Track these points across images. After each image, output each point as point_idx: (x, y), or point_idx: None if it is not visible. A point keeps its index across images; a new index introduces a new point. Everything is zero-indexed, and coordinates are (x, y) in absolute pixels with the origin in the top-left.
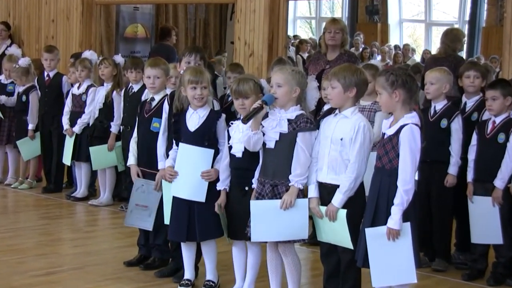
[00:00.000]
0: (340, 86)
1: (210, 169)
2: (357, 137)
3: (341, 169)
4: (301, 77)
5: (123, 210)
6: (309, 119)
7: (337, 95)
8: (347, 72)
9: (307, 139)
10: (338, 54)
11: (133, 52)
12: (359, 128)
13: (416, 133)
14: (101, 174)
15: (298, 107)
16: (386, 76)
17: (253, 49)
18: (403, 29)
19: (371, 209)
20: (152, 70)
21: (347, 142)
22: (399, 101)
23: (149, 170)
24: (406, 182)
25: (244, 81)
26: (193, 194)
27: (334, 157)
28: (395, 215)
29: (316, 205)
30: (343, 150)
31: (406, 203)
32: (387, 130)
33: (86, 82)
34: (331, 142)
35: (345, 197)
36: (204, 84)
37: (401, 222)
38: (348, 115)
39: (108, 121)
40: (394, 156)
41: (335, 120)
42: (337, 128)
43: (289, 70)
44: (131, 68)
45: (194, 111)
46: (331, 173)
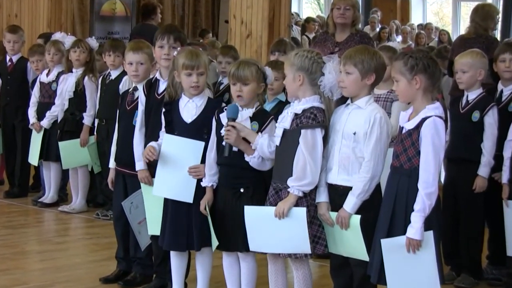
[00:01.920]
0: (357, 72)
1: (199, 164)
2: (373, 130)
3: (354, 169)
4: (306, 59)
5: (99, 218)
6: (313, 113)
7: (353, 83)
8: (365, 55)
9: (308, 138)
10: (348, 35)
11: (110, 33)
12: (375, 120)
13: (440, 127)
14: (73, 175)
15: (313, 98)
16: (404, 59)
17: (250, 29)
18: (426, 5)
19: (387, 216)
20: (134, 55)
21: (361, 136)
22: (420, 89)
23: (129, 171)
24: (428, 184)
25: (245, 64)
26: (179, 194)
27: (346, 155)
28: (416, 223)
29: (326, 211)
30: (356, 146)
31: (428, 208)
32: (406, 124)
33: (56, 68)
34: (342, 137)
35: (359, 200)
36: (201, 70)
37: (422, 231)
38: (362, 105)
39: (81, 113)
40: (414, 154)
41: (346, 111)
42: (349, 120)
43: (292, 54)
44: (109, 51)
45: (189, 100)
46: (342, 173)
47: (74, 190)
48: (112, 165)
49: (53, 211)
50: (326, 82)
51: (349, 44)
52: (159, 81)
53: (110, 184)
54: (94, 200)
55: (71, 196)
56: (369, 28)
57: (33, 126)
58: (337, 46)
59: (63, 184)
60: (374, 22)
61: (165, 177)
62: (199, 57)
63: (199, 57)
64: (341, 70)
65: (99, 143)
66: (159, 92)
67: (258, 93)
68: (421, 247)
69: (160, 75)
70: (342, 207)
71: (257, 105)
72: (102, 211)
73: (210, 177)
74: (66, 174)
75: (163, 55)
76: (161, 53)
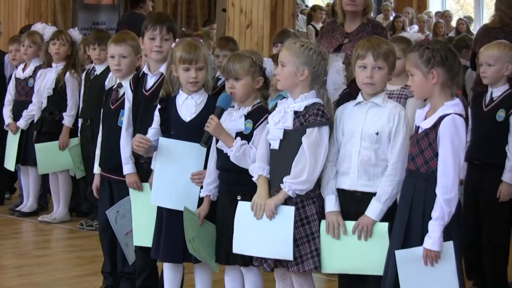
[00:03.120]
0: (387, 67)
1: (202, 170)
2: (399, 129)
3: (376, 172)
4: (314, 54)
5: (83, 229)
6: (320, 109)
7: (384, 79)
8: (389, 46)
9: (314, 136)
10: (359, 25)
11: (96, 23)
12: (400, 118)
13: (460, 125)
14: (54, 181)
15: (311, 94)
16: (420, 51)
17: (251, 18)
18: None
19: (402, 224)
20: (116, 47)
21: (385, 137)
22: (437, 83)
23: (116, 177)
24: (447, 190)
25: (236, 58)
26: (181, 203)
27: (367, 157)
28: (434, 233)
29: (340, 219)
30: (379, 148)
31: (447, 216)
32: (422, 123)
33: (33, 63)
34: (361, 139)
35: (386, 207)
36: (200, 65)
37: (441, 241)
38: (379, 102)
39: (60, 112)
40: (432, 156)
41: (361, 110)
42: (369, 120)
43: (297, 45)
44: (94, 43)
45: (188, 97)
46: (363, 178)
47: (55, 197)
48: (97, 171)
49: (32, 221)
50: (332, 82)
51: (360, 35)
52: (147, 75)
53: (95, 191)
54: (77, 208)
55: (52, 205)
56: (382, 17)
57: (8, 127)
58: (346, 37)
59: (43, 191)
60: (387, 10)
61: (164, 185)
62: (198, 50)
63: (198, 50)
64: (362, 65)
65: (83, 145)
66: (147, 88)
67: (254, 88)
68: (440, 259)
69: (148, 68)
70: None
71: (256, 102)
72: (87, 221)
73: (206, 186)
74: (47, 180)
75: (155, 47)
76: (152, 45)
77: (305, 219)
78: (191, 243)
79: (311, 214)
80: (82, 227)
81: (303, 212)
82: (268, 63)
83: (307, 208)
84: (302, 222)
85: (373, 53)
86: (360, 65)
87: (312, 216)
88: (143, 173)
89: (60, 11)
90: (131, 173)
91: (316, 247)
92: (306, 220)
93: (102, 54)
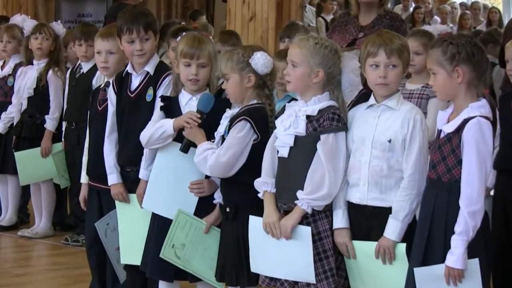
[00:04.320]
0: (401, 65)
1: (202, 179)
2: (414, 136)
3: (389, 185)
4: (330, 53)
5: (68, 244)
6: (336, 113)
7: (398, 78)
8: (403, 41)
9: (329, 143)
10: (375, 17)
11: (81, 15)
12: (415, 123)
13: (486, 129)
14: (36, 192)
15: (325, 96)
16: (443, 47)
17: (254, 9)
18: None
19: (422, 240)
20: (103, 42)
21: (398, 145)
22: (463, 83)
23: (105, 187)
24: (472, 201)
25: (224, 55)
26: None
27: (379, 168)
28: (457, 249)
29: (348, 240)
30: (392, 157)
31: (472, 231)
32: (445, 126)
33: (13, 60)
34: (372, 147)
35: (405, 225)
36: (202, 61)
37: (465, 258)
38: (393, 105)
39: (42, 115)
40: (455, 163)
41: (372, 114)
42: (380, 125)
43: (311, 43)
44: (80, 38)
45: (192, 97)
46: (374, 191)
47: (37, 209)
48: (84, 180)
49: (12, 236)
50: (348, 83)
51: (376, 28)
52: (131, 75)
53: (82, 202)
54: (62, 222)
55: (34, 217)
56: (400, 7)
57: None
58: (361, 30)
59: (23, 203)
60: (407, 0)
61: (160, 190)
62: (202, 45)
63: (203, 45)
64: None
65: (68, 152)
66: (132, 89)
67: (245, 87)
68: (464, 279)
69: (133, 67)
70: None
71: (251, 103)
72: (72, 236)
73: (218, 193)
74: (27, 190)
75: (136, 52)
76: (132, 49)
77: (316, 235)
78: (174, 249)
79: (323, 229)
80: (67, 242)
81: (315, 228)
82: (258, 58)
83: (319, 223)
84: (313, 238)
85: (385, 49)
86: (372, 63)
87: (325, 232)
88: (130, 183)
89: (41, 2)
90: (116, 184)
91: (331, 266)
92: (318, 237)
93: (89, 50)
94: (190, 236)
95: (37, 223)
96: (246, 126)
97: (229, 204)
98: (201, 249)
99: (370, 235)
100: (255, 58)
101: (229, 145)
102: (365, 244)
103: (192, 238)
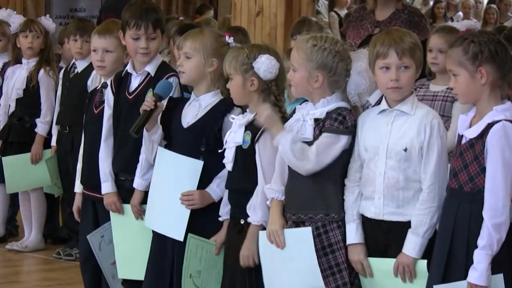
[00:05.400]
0: (414, 66)
1: (192, 190)
2: (432, 143)
3: (406, 197)
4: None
5: (61, 258)
6: (342, 114)
7: (411, 80)
8: (415, 39)
9: (326, 139)
10: (392, 11)
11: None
12: (433, 128)
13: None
14: (25, 202)
15: (334, 97)
16: (464, 46)
17: (262, 4)
18: None
19: (443, 254)
20: (100, 39)
21: (415, 153)
22: (487, 84)
23: (100, 196)
24: (496, 213)
25: (232, 54)
26: (169, 227)
27: (395, 179)
28: (480, 264)
29: (363, 257)
30: (409, 167)
31: (496, 244)
32: (467, 131)
33: (1, 58)
34: (386, 157)
35: (426, 240)
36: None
37: (489, 274)
38: (407, 110)
39: (32, 118)
40: (478, 171)
41: (385, 120)
42: (394, 132)
43: (309, 45)
44: (76, 34)
45: (195, 98)
46: (390, 205)
47: (27, 221)
48: (78, 189)
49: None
50: (353, 86)
51: (394, 23)
52: (131, 75)
53: (76, 213)
54: (54, 234)
55: (23, 229)
56: (420, 1)
57: None
58: (377, 26)
59: (11, 213)
60: None
61: (156, 204)
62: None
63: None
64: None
65: (61, 158)
66: (130, 90)
67: (249, 91)
68: None
69: (133, 67)
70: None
71: None
72: (65, 249)
73: (223, 208)
74: (16, 199)
75: (140, 50)
76: (136, 46)
77: (328, 247)
78: (192, 278)
79: (335, 241)
80: (59, 256)
81: (326, 239)
82: (261, 62)
83: (330, 234)
84: (325, 251)
85: (396, 49)
86: (382, 65)
87: (337, 243)
88: (125, 192)
89: None
90: (110, 193)
91: (345, 281)
92: (330, 249)
93: (84, 46)
94: (204, 261)
95: (27, 235)
96: None
97: (243, 216)
98: (215, 273)
99: (388, 252)
100: (259, 61)
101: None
102: (382, 261)
103: (206, 263)
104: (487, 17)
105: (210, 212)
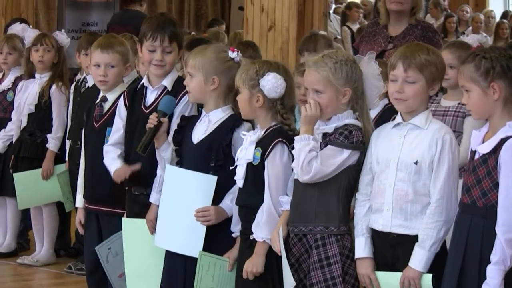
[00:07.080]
0: (423, 80)
1: (208, 206)
2: (443, 158)
3: (414, 211)
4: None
5: (72, 272)
6: (348, 130)
7: (419, 95)
8: (430, 55)
9: (328, 154)
10: (406, 27)
11: (86, 24)
12: (444, 144)
13: None
14: (36, 216)
15: (346, 115)
16: (475, 62)
17: (274, 18)
18: None
19: (454, 269)
20: (103, 54)
21: (426, 167)
22: (499, 99)
23: (104, 209)
24: (510, 228)
25: (244, 67)
26: (185, 245)
27: (404, 192)
28: (493, 280)
29: (370, 271)
30: (418, 180)
31: (510, 260)
32: (480, 147)
33: (13, 72)
34: (397, 169)
35: (432, 254)
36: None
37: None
38: (421, 124)
39: (43, 133)
40: (491, 186)
41: (398, 133)
42: (406, 145)
43: (330, 64)
44: (87, 48)
45: (206, 115)
46: (398, 217)
47: (38, 235)
48: (80, 204)
49: (11, 263)
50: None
51: (407, 39)
52: (146, 88)
53: (79, 227)
54: (65, 248)
55: (34, 244)
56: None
57: None
58: (390, 41)
59: (23, 227)
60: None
61: (168, 222)
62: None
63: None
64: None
65: (72, 172)
66: (147, 104)
67: (255, 107)
68: None
69: (149, 81)
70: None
71: (273, 124)
72: (76, 264)
73: (235, 225)
74: (28, 214)
75: (155, 61)
76: (151, 57)
77: (325, 260)
78: None
79: (332, 254)
80: (71, 270)
81: (324, 252)
82: (268, 80)
83: (328, 247)
84: (321, 263)
85: (403, 62)
86: (391, 76)
87: (334, 257)
88: (139, 207)
89: (42, 9)
90: (119, 168)
91: None
92: (327, 262)
93: None
94: (216, 278)
95: (38, 249)
96: (284, 149)
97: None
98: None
99: (396, 265)
100: (265, 79)
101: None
102: (390, 275)
103: (219, 280)
104: (500, 32)
105: (221, 229)
